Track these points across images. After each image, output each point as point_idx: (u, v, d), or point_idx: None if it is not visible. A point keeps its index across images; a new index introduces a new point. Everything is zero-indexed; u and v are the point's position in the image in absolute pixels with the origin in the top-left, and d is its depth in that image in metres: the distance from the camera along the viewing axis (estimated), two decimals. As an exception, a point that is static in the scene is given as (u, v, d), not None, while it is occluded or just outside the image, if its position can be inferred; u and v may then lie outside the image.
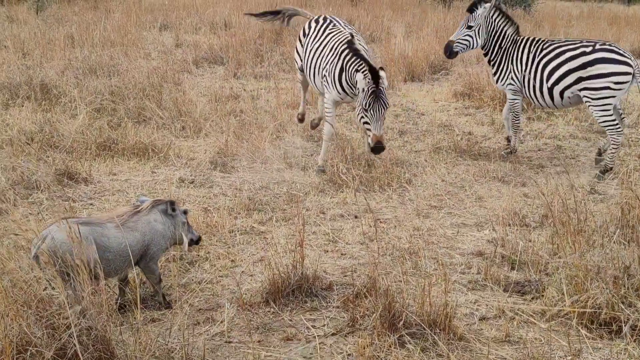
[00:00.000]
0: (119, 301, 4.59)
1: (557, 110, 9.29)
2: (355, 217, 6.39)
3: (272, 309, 4.64)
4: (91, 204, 6.52)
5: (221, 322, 4.48)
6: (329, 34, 8.02)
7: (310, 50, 8.07)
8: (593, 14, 24.30)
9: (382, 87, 6.98)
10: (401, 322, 4.21)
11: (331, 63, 7.60)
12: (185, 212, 4.78)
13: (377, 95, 6.94)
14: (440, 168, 7.78)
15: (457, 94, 11.35)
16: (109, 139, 8.05)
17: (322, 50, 7.87)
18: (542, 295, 4.75)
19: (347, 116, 10.21)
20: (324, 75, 7.71)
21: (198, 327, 4.45)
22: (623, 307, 4.32)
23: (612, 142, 7.62)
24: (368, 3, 23.08)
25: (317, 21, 8.40)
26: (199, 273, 5.20)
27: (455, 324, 4.31)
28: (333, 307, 4.70)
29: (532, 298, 4.82)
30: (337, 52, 7.55)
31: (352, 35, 7.61)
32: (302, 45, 8.39)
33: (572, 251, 4.92)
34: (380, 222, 6.12)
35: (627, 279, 4.52)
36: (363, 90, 7.00)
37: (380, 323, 4.23)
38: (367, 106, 6.98)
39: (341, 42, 7.61)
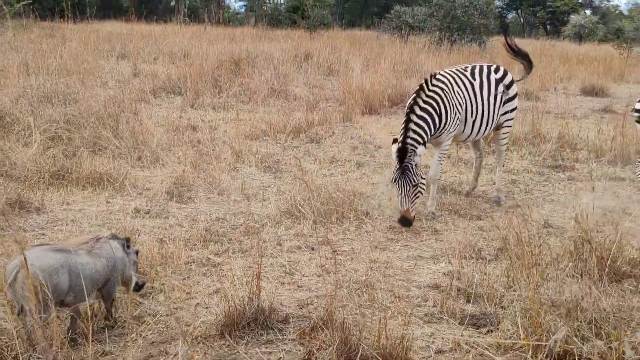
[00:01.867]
0: (70, 333, 4.49)
1: None
2: (312, 249, 6.38)
3: (227, 342, 4.57)
4: (43, 234, 6.38)
5: (175, 355, 4.40)
6: None
7: None
8: (546, 52, 24.91)
9: (410, 164, 7.01)
10: (358, 356, 4.19)
11: None
12: (136, 253, 4.87)
13: (402, 172, 7.02)
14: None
15: (414, 127, 11.45)
16: (63, 167, 7.93)
17: None
18: (498, 328, 4.78)
19: (305, 148, 10.24)
20: None
21: (151, 360, 4.36)
22: (576, 340, 4.37)
23: None
24: (327, 36, 23.29)
25: None
26: (153, 305, 5.11)
27: (412, 357, 4.30)
28: (289, 340, 4.65)
29: (488, 331, 4.84)
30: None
31: (417, 91, 7.43)
32: None
33: (526, 284, 4.97)
34: (337, 253, 6.11)
35: (580, 312, 4.58)
36: (394, 161, 7.11)
37: (337, 356, 4.20)
38: (393, 180, 7.12)
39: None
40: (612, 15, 69.56)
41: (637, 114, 8.46)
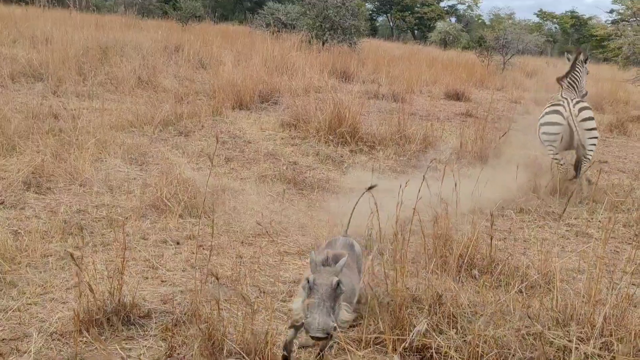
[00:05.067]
0: None
1: None
2: (178, 243, 6.25)
3: (85, 338, 4.39)
4: None
5: (27, 352, 4.18)
6: None
7: None
8: (413, 56, 25.72)
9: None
10: (223, 351, 4.14)
11: None
12: None
13: None
14: (265, 196, 7.82)
15: (284, 124, 11.52)
16: None
17: None
18: (360, 324, 4.86)
19: (173, 141, 10.04)
20: None
21: (1, 358, 4.12)
22: (434, 334, 4.52)
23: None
24: (198, 29, 22.96)
25: None
26: (5, 300, 4.83)
27: (276, 353, 4.30)
28: (151, 336, 4.54)
29: (350, 326, 4.91)
30: None
31: None
32: None
33: (389, 280, 5.09)
34: (202, 248, 6.02)
35: (439, 307, 4.74)
36: None
37: (200, 352, 4.14)
38: None
39: None
40: (475, 24, 73.01)
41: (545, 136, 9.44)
